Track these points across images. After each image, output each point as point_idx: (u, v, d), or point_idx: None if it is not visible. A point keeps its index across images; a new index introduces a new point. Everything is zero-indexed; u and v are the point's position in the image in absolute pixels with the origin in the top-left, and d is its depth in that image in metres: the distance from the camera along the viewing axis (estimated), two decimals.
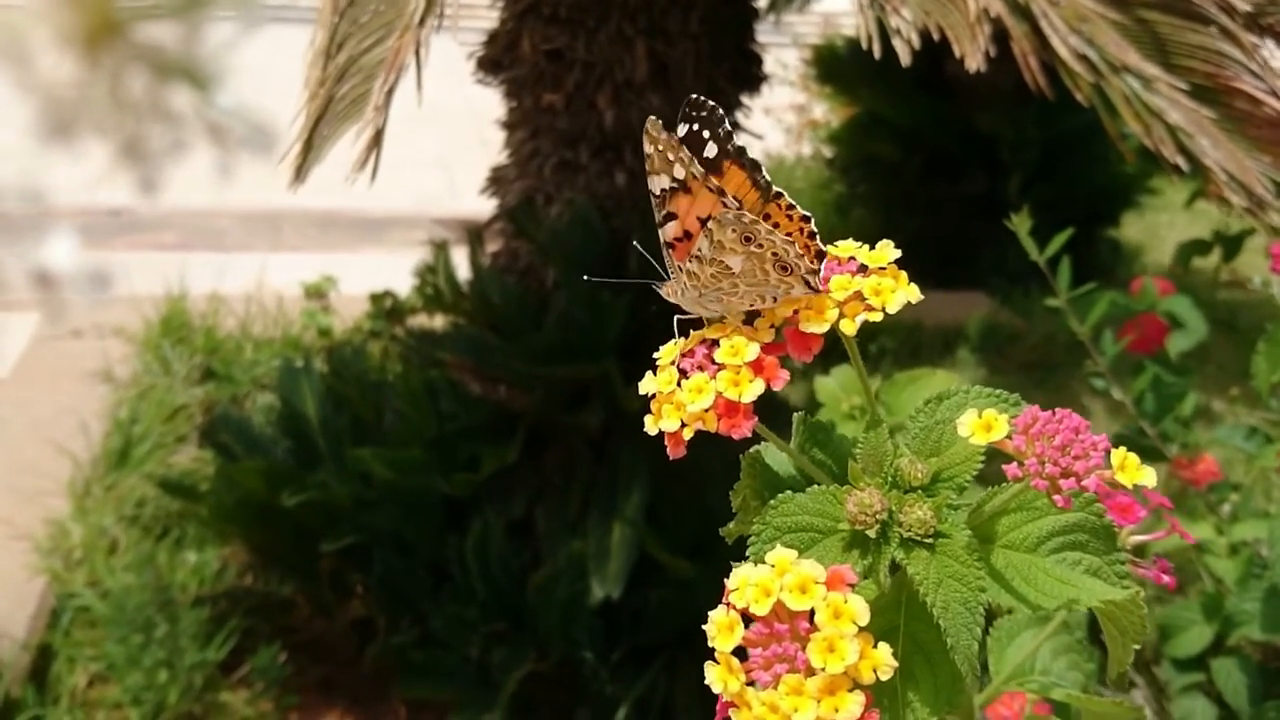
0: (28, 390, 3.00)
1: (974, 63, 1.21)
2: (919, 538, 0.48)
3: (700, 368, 0.52)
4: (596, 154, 2.12)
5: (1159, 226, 4.86)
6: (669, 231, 0.56)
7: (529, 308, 2.14)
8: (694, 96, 0.57)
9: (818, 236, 0.54)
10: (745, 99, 2.28)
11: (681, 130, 0.56)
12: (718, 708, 0.46)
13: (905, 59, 1.25)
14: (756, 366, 0.51)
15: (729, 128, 0.56)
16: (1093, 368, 1.52)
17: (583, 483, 2.06)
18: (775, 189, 0.56)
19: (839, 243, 0.54)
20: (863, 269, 0.52)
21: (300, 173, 1.30)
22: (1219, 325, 3.39)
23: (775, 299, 0.54)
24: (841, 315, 0.51)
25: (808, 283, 0.53)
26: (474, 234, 2.31)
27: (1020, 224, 1.26)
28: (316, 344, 3.30)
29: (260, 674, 2.08)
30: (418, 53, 1.27)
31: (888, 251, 0.52)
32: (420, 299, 2.72)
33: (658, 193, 0.56)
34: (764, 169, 0.56)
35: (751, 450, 0.55)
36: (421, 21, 1.26)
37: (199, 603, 2.17)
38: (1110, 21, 1.24)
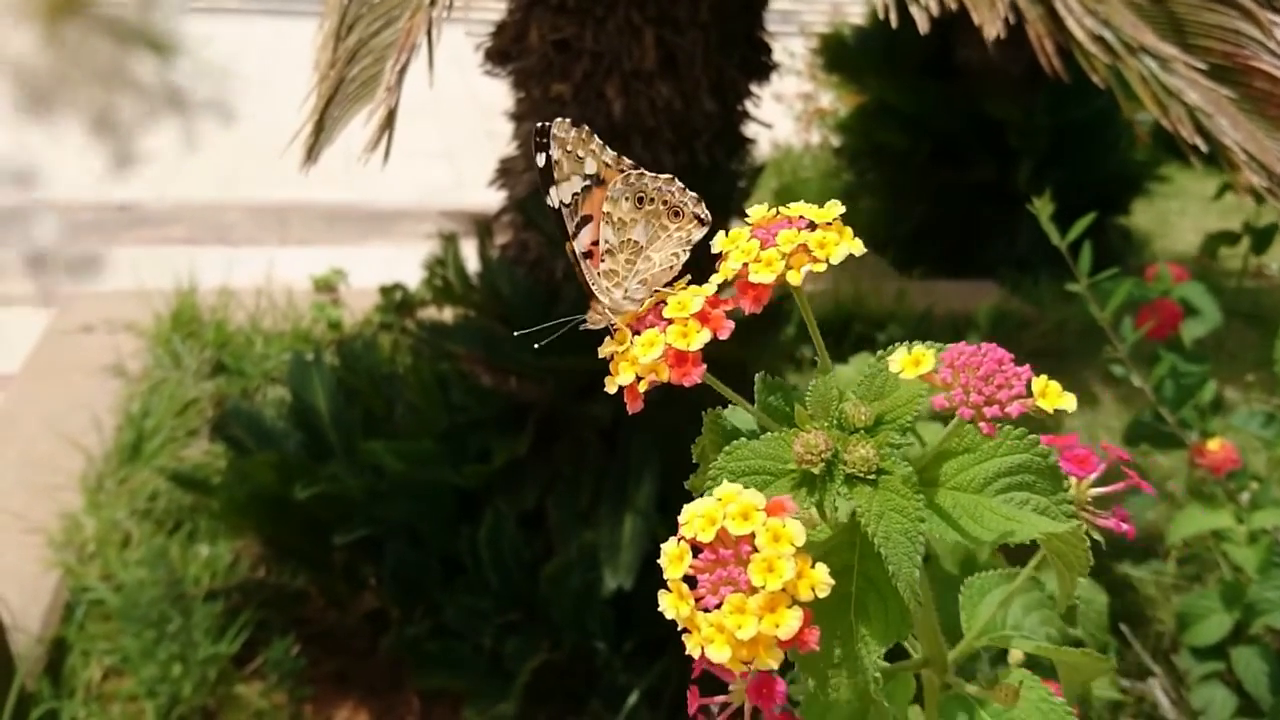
0: (39, 385, 3.01)
1: (993, 30, 1.20)
2: (862, 475, 0.51)
3: (651, 325, 0.55)
4: (605, 144, 2.11)
5: (1169, 214, 4.84)
6: (584, 239, 0.58)
7: (539, 299, 2.14)
8: (538, 124, 0.58)
9: (686, 188, 0.58)
10: (755, 88, 2.27)
11: (541, 160, 0.58)
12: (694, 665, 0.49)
13: (923, 26, 1.23)
14: (702, 317, 0.53)
15: (592, 134, 0.58)
16: (1110, 354, 1.51)
17: (594, 473, 2.06)
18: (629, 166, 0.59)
19: (790, 204, 0.57)
20: (811, 226, 0.55)
21: (312, 153, 1.30)
22: (1237, 313, 3.37)
23: (685, 252, 0.58)
24: (788, 267, 0.54)
25: (698, 217, 0.57)
26: (483, 226, 2.31)
27: (1042, 209, 1.25)
28: (326, 337, 3.31)
29: (274, 666, 2.08)
30: (429, 34, 1.27)
31: (834, 209, 0.55)
32: (429, 291, 2.72)
33: (568, 200, 0.57)
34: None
35: (714, 410, 0.58)
36: (433, 2, 1.26)
37: (212, 596, 2.18)
38: (1126, 1, 1.22)
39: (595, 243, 0.58)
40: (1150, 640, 1.89)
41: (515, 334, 0.66)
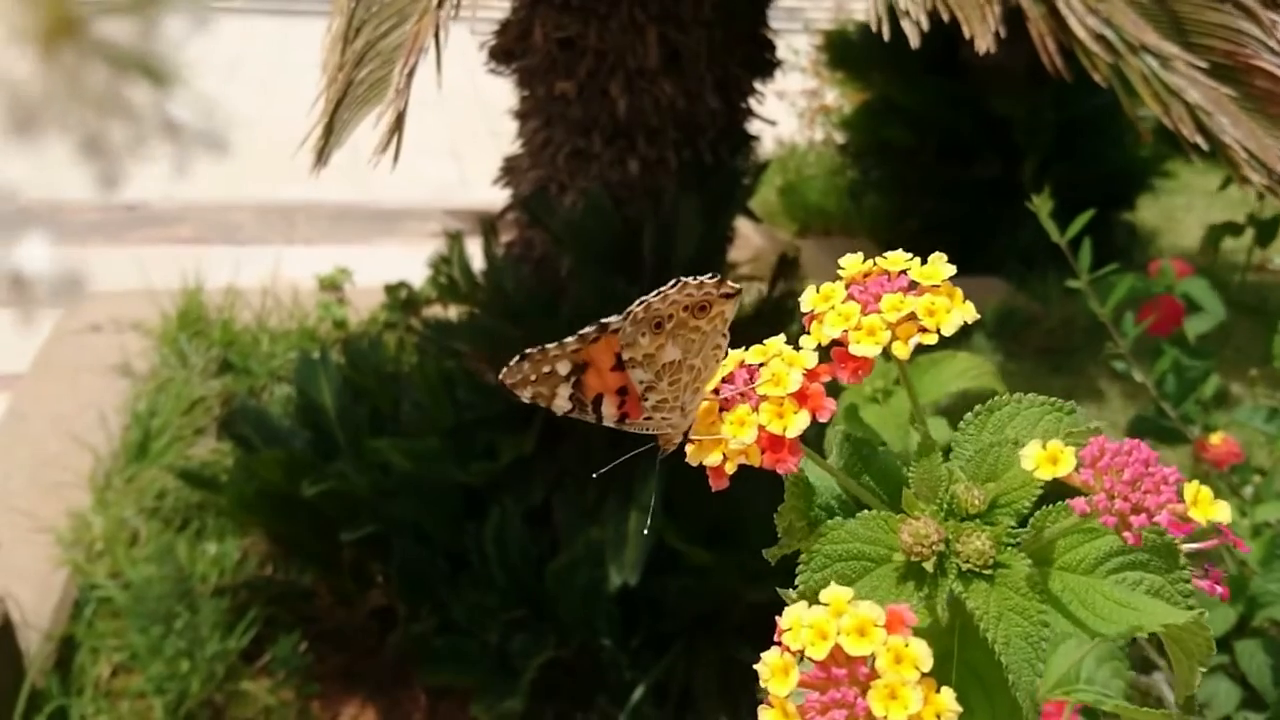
0: (48, 385, 3.02)
1: (984, 43, 1.21)
2: (977, 569, 0.46)
3: (743, 396, 0.49)
4: (609, 142, 2.12)
5: (1175, 210, 4.83)
6: (610, 414, 0.53)
7: (544, 297, 2.15)
8: (500, 379, 0.53)
9: (699, 280, 0.53)
10: (759, 85, 2.27)
11: (526, 396, 0.54)
12: None
13: (914, 41, 1.24)
14: (800, 397, 0.48)
15: (543, 348, 0.53)
16: (1113, 350, 1.51)
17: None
18: (619, 318, 0.53)
19: (889, 254, 0.51)
20: (913, 285, 0.50)
21: (321, 156, 1.31)
22: (1241, 308, 3.36)
23: (723, 344, 0.53)
24: (894, 337, 0.48)
25: (726, 295, 0.52)
26: (488, 224, 2.31)
27: (1042, 206, 1.25)
28: (332, 336, 3.32)
29: (281, 663, 2.09)
30: (437, 36, 1.27)
31: (941, 267, 0.50)
32: (435, 290, 2.73)
33: (569, 405, 0.52)
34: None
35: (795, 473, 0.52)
36: (440, 4, 1.26)
37: (220, 593, 2.19)
38: (1128, 0, 1.23)
39: (621, 406, 0.53)
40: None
41: None
